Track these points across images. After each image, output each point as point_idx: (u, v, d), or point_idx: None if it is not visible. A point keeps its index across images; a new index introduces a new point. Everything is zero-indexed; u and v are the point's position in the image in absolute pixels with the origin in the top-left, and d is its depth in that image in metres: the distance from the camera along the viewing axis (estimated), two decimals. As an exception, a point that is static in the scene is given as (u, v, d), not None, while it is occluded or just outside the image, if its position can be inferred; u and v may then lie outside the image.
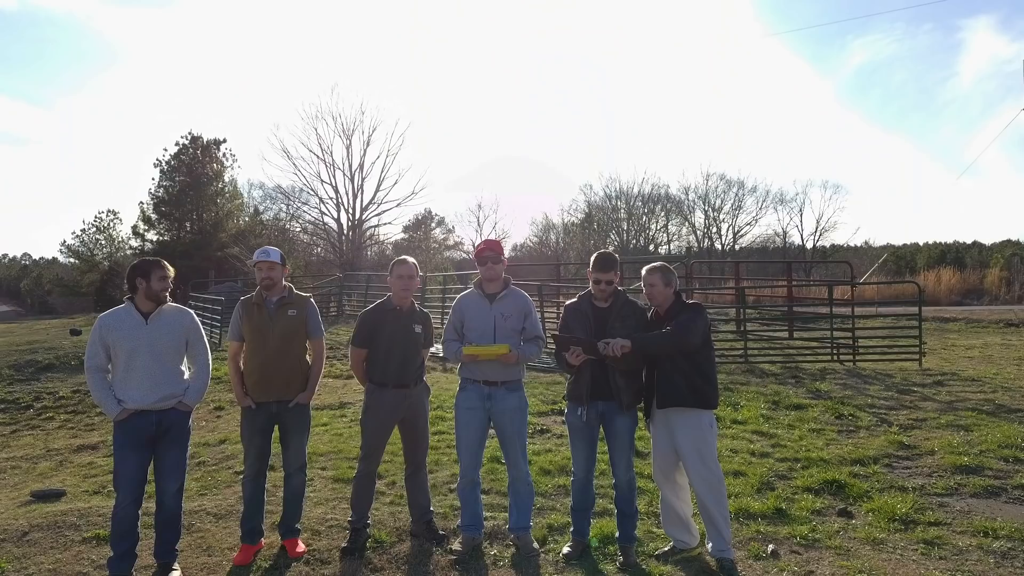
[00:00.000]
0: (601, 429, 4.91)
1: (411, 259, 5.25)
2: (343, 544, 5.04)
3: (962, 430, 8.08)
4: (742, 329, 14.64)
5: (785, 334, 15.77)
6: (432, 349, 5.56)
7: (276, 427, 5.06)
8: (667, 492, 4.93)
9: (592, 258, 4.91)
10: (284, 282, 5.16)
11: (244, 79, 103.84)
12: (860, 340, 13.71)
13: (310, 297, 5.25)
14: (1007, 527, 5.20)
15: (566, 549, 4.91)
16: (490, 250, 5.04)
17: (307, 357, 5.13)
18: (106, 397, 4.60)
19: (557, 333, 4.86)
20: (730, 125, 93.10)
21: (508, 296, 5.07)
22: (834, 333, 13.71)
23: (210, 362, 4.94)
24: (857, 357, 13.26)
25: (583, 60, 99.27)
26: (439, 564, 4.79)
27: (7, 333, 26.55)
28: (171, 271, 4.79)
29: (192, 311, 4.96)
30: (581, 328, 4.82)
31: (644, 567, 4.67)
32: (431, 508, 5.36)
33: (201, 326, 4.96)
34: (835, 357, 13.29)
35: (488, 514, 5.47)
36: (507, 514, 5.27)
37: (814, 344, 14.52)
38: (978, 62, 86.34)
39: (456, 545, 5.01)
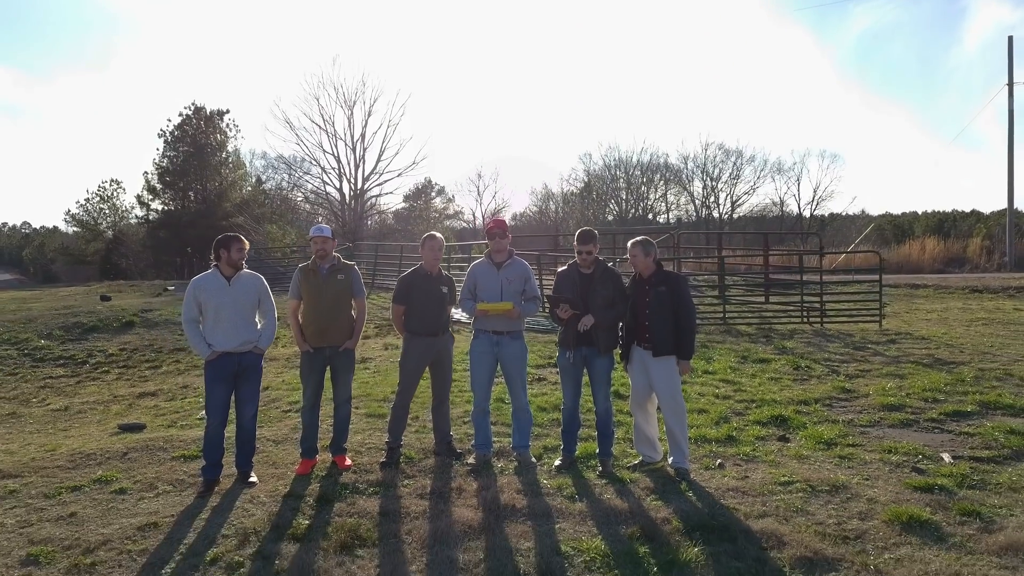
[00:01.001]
0: (585, 371, 6.17)
1: (439, 235, 6.46)
2: (381, 460, 6.32)
3: (897, 378, 9.33)
4: (722, 295, 15.86)
5: (762, 299, 17.02)
6: (455, 315, 6.78)
7: (328, 368, 6.31)
8: (639, 418, 6.18)
9: (576, 233, 6.11)
10: (334, 252, 6.38)
11: (247, 49, 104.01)
12: (828, 304, 14.95)
13: (354, 265, 6.46)
14: (907, 447, 6.47)
15: (557, 462, 6.18)
16: (498, 228, 6.25)
17: (352, 312, 6.36)
18: (199, 342, 5.83)
19: (550, 294, 6.10)
20: (730, 94, 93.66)
21: (512, 264, 6.28)
22: (804, 298, 14.95)
23: (276, 316, 6.17)
24: (824, 319, 14.52)
25: (584, 29, 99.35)
26: (458, 473, 6.07)
27: (34, 299, 27.72)
28: (247, 244, 6.00)
29: (261, 276, 6.17)
30: (569, 290, 6.04)
31: (618, 475, 5.94)
32: (451, 432, 6.63)
33: (269, 288, 6.19)
34: (804, 319, 14.54)
35: (495, 438, 6.73)
36: (511, 437, 6.54)
37: (789, 308, 15.77)
38: (982, 29, 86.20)
39: (471, 460, 6.28)
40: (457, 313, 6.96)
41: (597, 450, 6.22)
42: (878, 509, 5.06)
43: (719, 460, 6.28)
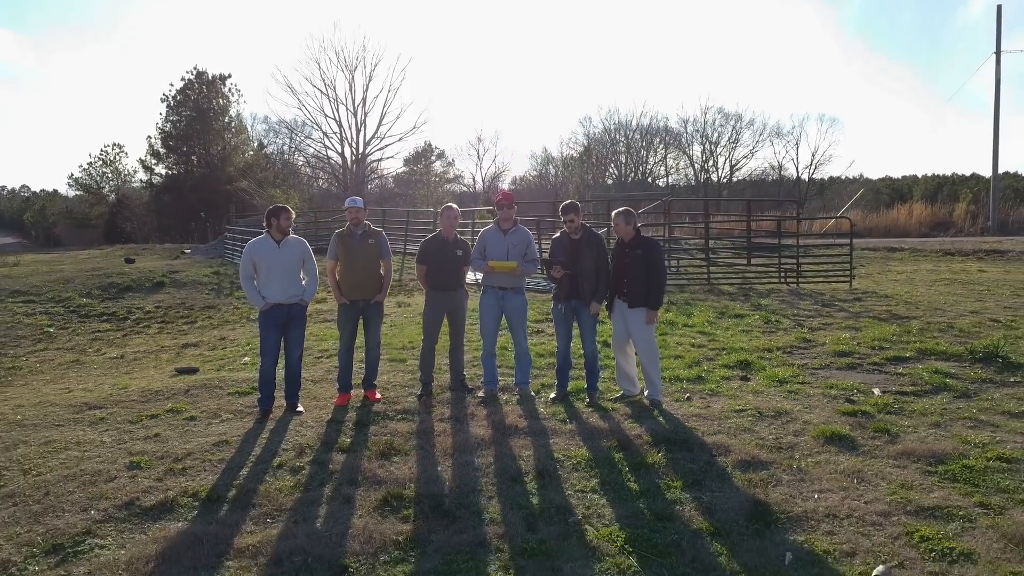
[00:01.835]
0: (575, 322, 7.29)
1: (455, 205, 7.56)
2: (418, 392, 7.48)
3: (853, 330, 10.48)
4: (707, 258, 16.97)
5: (744, 262, 18.12)
6: (469, 278, 7.85)
7: (361, 317, 7.44)
8: (620, 359, 7.32)
9: (561, 206, 7.19)
10: (364, 220, 7.46)
11: (248, 14, 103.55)
12: (803, 266, 16.06)
13: (382, 232, 7.55)
14: (846, 384, 7.61)
15: (552, 395, 7.34)
16: (505, 200, 7.33)
17: (381, 271, 7.46)
18: (255, 295, 6.94)
19: (546, 257, 7.20)
20: (730, 57, 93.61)
21: (516, 231, 7.37)
22: (782, 260, 16.06)
23: (317, 273, 7.28)
24: (800, 280, 15.64)
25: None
26: (471, 403, 7.22)
27: (58, 261, 28.82)
28: (294, 213, 7.08)
29: (305, 240, 7.27)
30: (561, 253, 7.13)
31: (602, 405, 7.09)
32: (464, 372, 7.79)
33: (312, 251, 7.29)
34: (782, 280, 15.66)
35: (500, 377, 7.88)
36: (513, 376, 7.69)
37: (769, 269, 16.88)
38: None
39: (480, 394, 7.44)
40: (471, 273, 8.05)
41: (585, 386, 7.37)
42: (810, 428, 6.22)
43: (688, 394, 7.44)
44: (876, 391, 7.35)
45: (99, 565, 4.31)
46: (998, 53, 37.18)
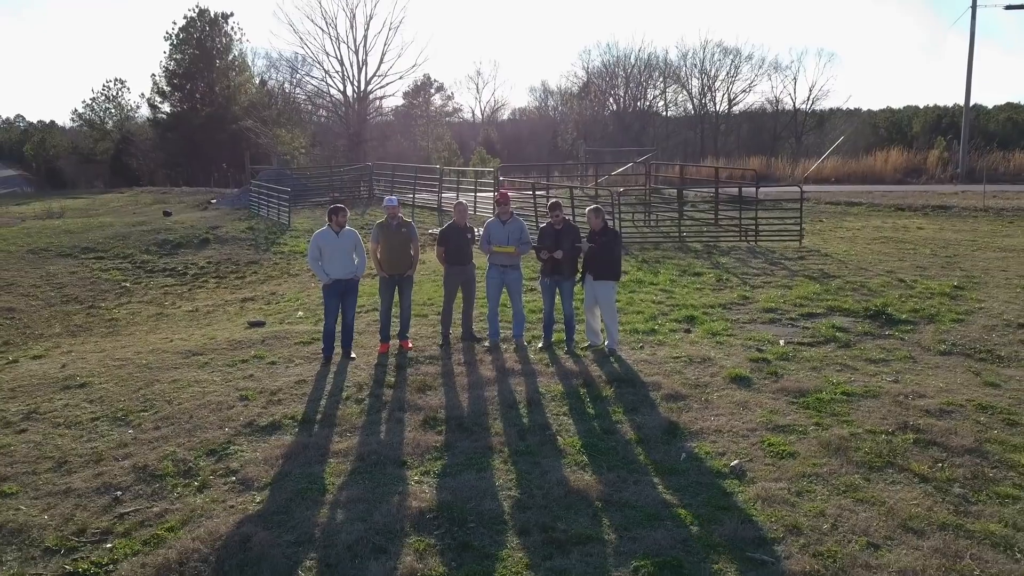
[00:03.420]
0: (557, 291, 9.50)
1: (465, 202, 9.68)
2: (439, 343, 9.74)
3: (786, 288, 12.67)
4: (680, 218, 19.07)
5: (712, 220, 20.22)
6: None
7: (396, 287, 9.64)
8: (589, 318, 9.55)
9: (548, 204, 9.33)
10: (399, 214, 9.60)
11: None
12: (761, 224, 18.16)
13: (412, 223, 9.69)
14: (762, 336, 9.85)
15: (539, 344, 9.59)
16: (504, 200, 9.47)
17: (411, 251, 9.62)
18: (321, 273, 9.12)
19: (535, 245, 9.38)
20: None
21: (513, 221, 9.50)
22: (743, 220, 18.18)
23: (366, 254, 9.45)
24: (758, 238, 17.78)
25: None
26: (479, 350, 9.48)
27: (93, 211, 30.70)
28: (347, 212, 9.22)
29: (356, 231, 9.41)
30: (547, 240, 9.28)
31: (577, 353, 9.35)
32: (473, 327, 10.04)
33: (361, 238, 9.44)
34: (742, 238, 17.80)
35: (501, 331, 10.12)
36: (511, 330, 9.94)
37: (732, 227, 18.98)
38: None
39: (486, 344, 9.70)
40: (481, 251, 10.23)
41: (564, 338, 9.62)
42: (723, 371, 8.47)
43: (641, 344, 9.70)
44: (781, 342, 9.59)
45: (245, 461, 6.62)
46: (974, 8, 38.25)
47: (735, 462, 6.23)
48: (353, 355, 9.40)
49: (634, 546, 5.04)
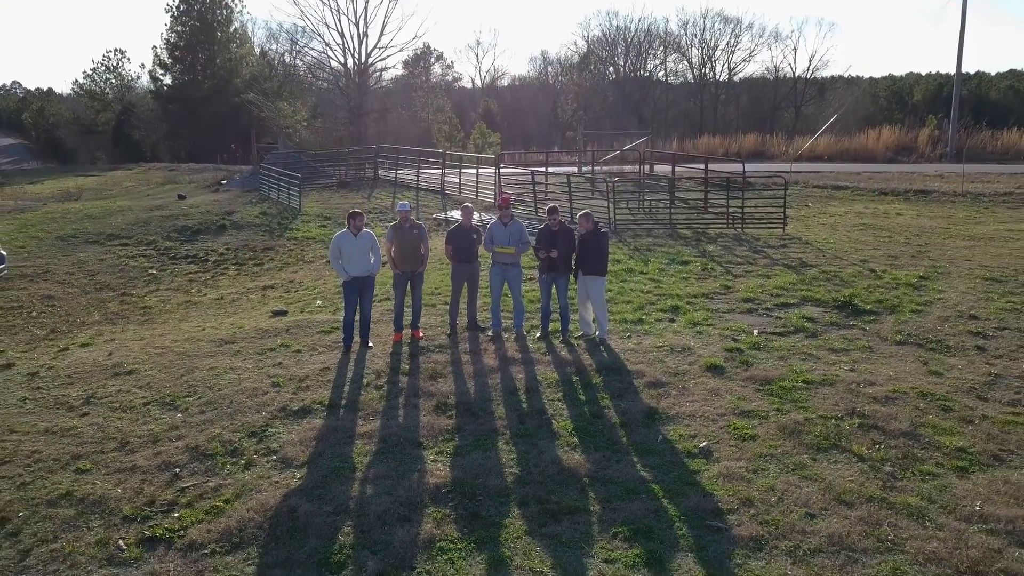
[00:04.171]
0: (553, 286, 10.44)
1: (471, 205, 10.59)
2: (447, 332, 10.70)
3: (764, 278, 13.60)
4: (671, 205, 19.93)
5: (703, 205, 21.08)
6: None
7: (408, 282, 10.57)
8: (581, 310, 10.50)
9: (546, 209, 10.23)
10: (412, 217, 10.51)
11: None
12: (747, 212, 19.03)
13: (423, 223, 10.60)
14: (738, 326, 10.80)
15: (537, 334, 10.55)
16: (505, 204, 10.37)
17: (422, 250, 10.54)
18: (341, 270, 10.04)
19: (534, 245, 10.30)
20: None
21: (513, 224, 10.40)
22: (730, 208, 19.05)
23: (381, 253, 10.37)
24: (744, 225, 18.65)
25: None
26: (483, 339, 10.43)
27: (108, 192, 31.43)
28: (364, 216, 10.13)
29: (373, 232, 10.31)
30: (545, 241, 10.20)
31: (571, 342, 10.31)
32: (478, 317, 11.00)
33: (377, 239, 10.36)
34: (729, 225, 18.69)
35: (503, 321, 11.08)
36: (512, 320, 10.89)
37: (721, 214, 19.84)
38: None
39: (489, 333, 10.66)
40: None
41: (560, 328, 10.58)
42: (700, 360, 9.43)
43: (629, 334, 10.66)
44: (755, 332, 10.55)
45: (283, 442, 7.61)
46: (963, -9, 38.64)
47: (703, 444, 7.22)
48: (370, 343, 10.35)
49: (614, 516, 6.05)
